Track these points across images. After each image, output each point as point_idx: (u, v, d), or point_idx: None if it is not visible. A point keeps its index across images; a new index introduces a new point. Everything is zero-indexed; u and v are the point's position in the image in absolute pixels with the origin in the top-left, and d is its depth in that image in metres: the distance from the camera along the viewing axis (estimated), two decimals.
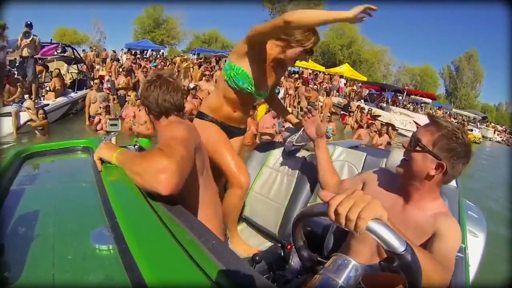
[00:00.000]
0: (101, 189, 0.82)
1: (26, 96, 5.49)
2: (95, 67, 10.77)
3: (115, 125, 1.28)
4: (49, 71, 7.13)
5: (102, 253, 0.59)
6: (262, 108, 6.26)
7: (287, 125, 1.85)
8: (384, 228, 0.54)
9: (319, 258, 0.80)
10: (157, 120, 1.15)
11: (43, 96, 6.30)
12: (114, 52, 14.03)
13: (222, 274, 0.51)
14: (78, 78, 7.77)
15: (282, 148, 1.86)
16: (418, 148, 0.89)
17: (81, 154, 1.22)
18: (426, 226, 0.88)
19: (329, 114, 7.61)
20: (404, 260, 0.56)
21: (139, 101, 5.54)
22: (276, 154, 1.86)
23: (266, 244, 1.74)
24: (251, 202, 1.84)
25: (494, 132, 22.30)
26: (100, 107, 5.66)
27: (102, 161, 0.95)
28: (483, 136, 19.28)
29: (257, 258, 1.16)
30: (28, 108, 5.14)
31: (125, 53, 14.24)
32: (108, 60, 12.29)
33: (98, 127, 5.66)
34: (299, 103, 10.24)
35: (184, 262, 0.54)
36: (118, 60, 11.87)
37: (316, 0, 25.35)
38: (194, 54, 17.92)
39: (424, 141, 0.88)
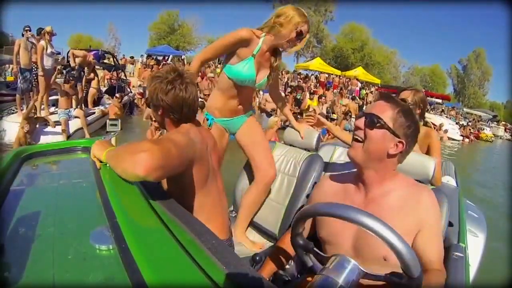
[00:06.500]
0: (101, 189, 0.82)
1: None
2: None
3: (115, 125, 1.28)
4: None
5: (102, 253, 0.59)
6: (313, 103, 6.93)
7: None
8: (408, 251, 0.59)
9: (315, 249, 0.80)
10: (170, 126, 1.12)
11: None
12: (132, 57, 13.93)
13: (222, 274, 0.51)
14: (118, 85, 7.67)
15: (282, 149, 1.86)
16: (378, 124, 0.83)
17: (81, 154, 1.22)
18: (398, 212, 0.86)
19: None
20: (414, 284, 0.62)
21: None
22: (276, 154, 1.86)
23: (266, 244, 1.74)
24: None
25: (505, 130, 22.38)
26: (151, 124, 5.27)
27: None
28: (494, 135, 19.37)
29: (257, 258, 1.16)
30: (76, 117, 5.06)
31: (146, 58, 14.17)
32: (136, 66, 12.24)
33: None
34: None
35: (184, 262, 0.54)
36: (146, 65, 11.92)
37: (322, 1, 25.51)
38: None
39: (384, 118, 0.83)
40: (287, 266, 1.17)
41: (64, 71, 6.16)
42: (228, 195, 2.01)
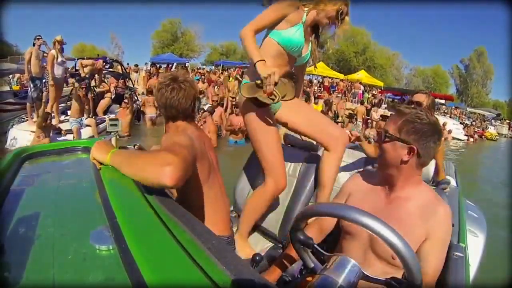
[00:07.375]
0: (101, 189, 0.82)
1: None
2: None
3: (115, 125, 1.28)
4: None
5: (102, 253, 0.59)
6: (318, 107, 7.02)
7: None
8: (412, 258, 0.61)
9: (315, 245, 0.81)
10: (166, 123, 1.27)
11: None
12: (136, 66, 13.99)
13: (222, 274, 0.51)
14: (125, 93, 7.62)
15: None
16: (386, 139, 0.94)
17: (81, 154, 1.22)
18: (414, 217, 0.91)
19: (380, 119, 7.35)
20: None
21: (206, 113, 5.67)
22: None
23: (266, 244, 1.74)
24: None
25: (509, 129, 22.40)
26: None
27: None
28: (498, 133, 19.43)
29: (257, 258, 1.16)
30: (88, 125, 5.10)
31: (150, 66, 14.19)
32: (140, 74, 12.28)
33: None
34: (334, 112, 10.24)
35: (184, 262, 0.54)
36: (151, 73, 11.95)
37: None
38: (218, 66, 17.89)
39: (390, 131, 0.94)
40: (288, 267, 1.17)
41: (74, 79, 6.20)
42: (228, 196, 2.01)
